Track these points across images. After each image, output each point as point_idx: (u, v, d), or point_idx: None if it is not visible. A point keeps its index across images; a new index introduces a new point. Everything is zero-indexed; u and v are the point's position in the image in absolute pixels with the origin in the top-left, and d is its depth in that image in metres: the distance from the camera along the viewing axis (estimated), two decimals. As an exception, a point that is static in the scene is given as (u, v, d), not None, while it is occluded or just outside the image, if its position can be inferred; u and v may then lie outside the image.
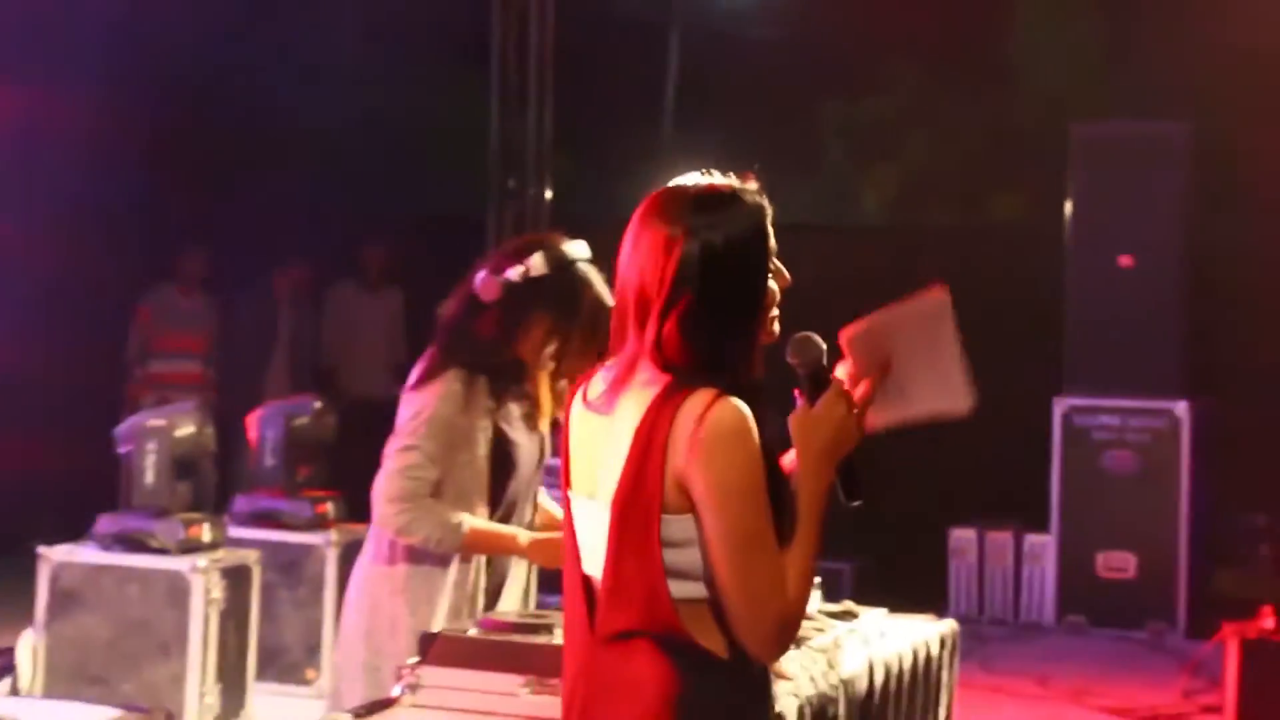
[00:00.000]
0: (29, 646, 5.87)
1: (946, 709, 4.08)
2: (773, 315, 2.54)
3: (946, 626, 4.12)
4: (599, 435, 2.52)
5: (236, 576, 5.96)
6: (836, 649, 3.53)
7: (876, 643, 3.70)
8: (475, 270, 3.73)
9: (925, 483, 9.09)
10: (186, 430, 5.91)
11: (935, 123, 10.82)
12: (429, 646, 3.18)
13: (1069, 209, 9.15)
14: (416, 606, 3.63)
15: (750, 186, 2.53)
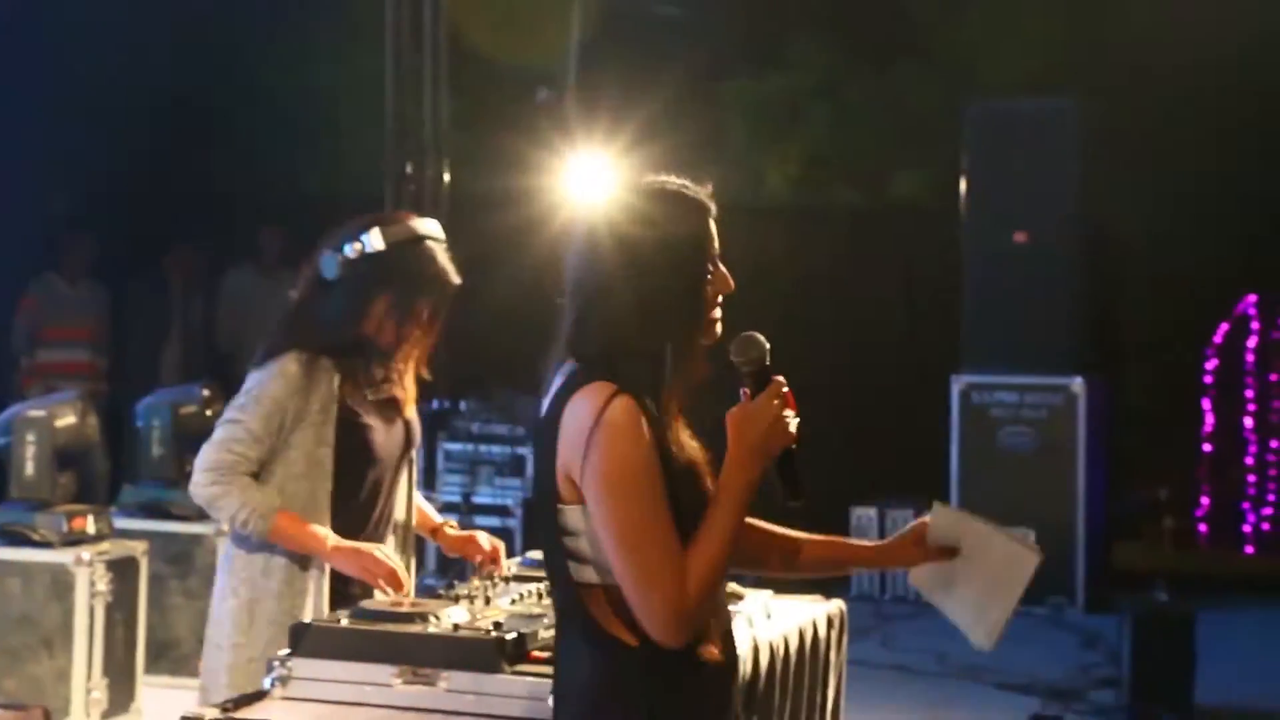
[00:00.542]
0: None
1: (835, 689, 4.06)
2: (714, 317, 2.56)
3: (834, 606, 4.10)
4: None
5: (123, 568, 5.86)
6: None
7: (761, 624, 3.67)
8: (320, 250, 3.65)
9: (825, 462, 9.08)
10: (67, 420, 5.79)
11: (837, 101, 10.82)
12: (300, 637, 3.11)
13: (963, 187, 9.19)
14: (279, 592, 3.53)
15: (695, 188, 2.58)
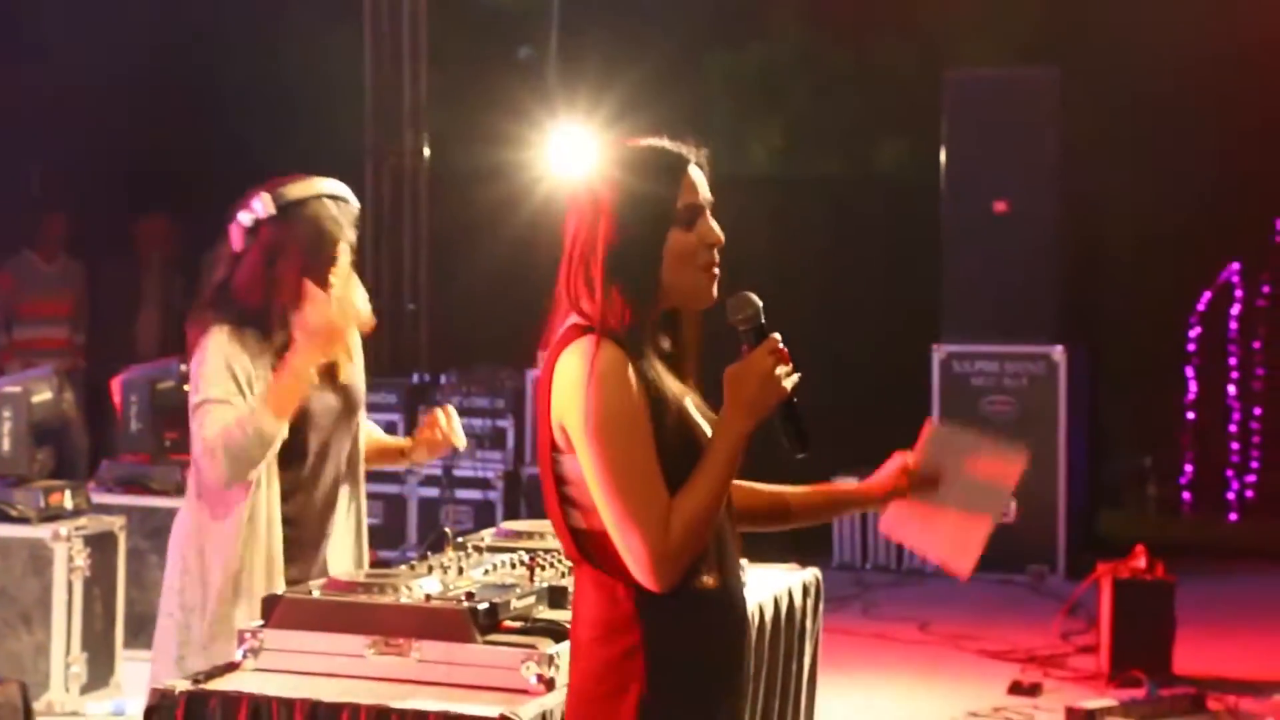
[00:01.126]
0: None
1: (811, 657, 4.07)
2: (707, 267, 2.56)
3: (810, 574, 4.11)
4: None
5: (101, 543, 5.87)
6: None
7: (736, 593, 3.67)
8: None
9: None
10: (43, 396, 5.79)
11: (817, 72, 10.80)
12: (272, 609, 3.11)
13: (943, 156, 9.17)
14: (225, 562, 3.49)
15: (670, 145, 2.58)
